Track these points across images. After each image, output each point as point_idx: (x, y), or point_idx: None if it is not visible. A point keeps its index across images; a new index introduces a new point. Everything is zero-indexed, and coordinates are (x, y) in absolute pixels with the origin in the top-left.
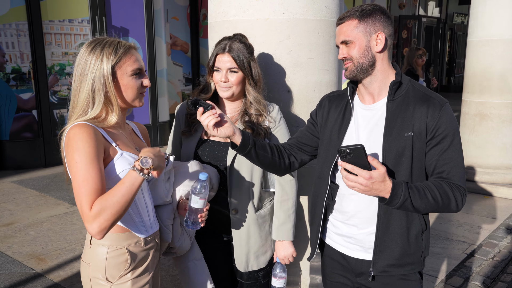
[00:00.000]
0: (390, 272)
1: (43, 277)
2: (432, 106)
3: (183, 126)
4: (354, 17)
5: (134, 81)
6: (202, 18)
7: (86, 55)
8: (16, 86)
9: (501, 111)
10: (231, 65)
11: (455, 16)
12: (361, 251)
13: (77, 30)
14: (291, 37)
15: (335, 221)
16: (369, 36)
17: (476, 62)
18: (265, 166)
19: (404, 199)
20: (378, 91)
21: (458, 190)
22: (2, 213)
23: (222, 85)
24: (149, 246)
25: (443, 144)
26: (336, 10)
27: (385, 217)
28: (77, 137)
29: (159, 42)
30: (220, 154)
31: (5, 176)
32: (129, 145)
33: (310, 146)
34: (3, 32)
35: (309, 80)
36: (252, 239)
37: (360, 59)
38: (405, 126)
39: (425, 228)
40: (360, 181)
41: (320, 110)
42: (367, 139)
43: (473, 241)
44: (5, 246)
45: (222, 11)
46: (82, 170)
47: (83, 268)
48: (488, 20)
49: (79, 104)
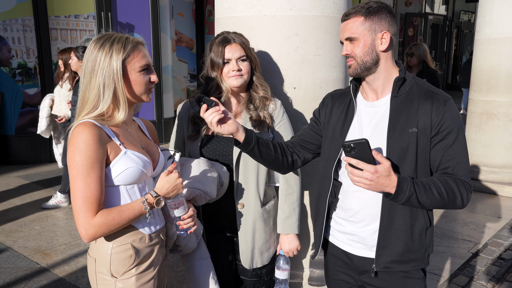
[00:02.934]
0: (393, 268)
1: (48, 272)
2: (437, 102)
3: (186, 128)
4: (360, 14)
5: (142, 77)
6: (208, 15)
7: (95, 52)
8: (22, 81)
9: (508, 110)
10: (240, 54)
11: (462, 14)
12: (364, 249)
13: (83, 25)
14: (298, 34)
15: (338, 218)
16: (374, 34)
17: (483, 61)
18: (268, 163)
19: (409, 194)
20: (381, 88)
21: (463, 185)
22: (8, 207)
23: (235, 74)
24: (153, 242)
25: (447, 140)
26: (344, 6)
27: (389, 213)
28: (80, 137)
29: (164, 38)
30: (225, 149)
31: (10, 171)
32: (134, 143)
33: (313, 144)
34: (9, 27)
35: (316, 77)
36: (257, 234)
37: (364, 57)
38: (409, 122)
39: (429, 225)
40: (366, 176)
41: (323, 108)
42: (371, 135)
43: (479, 240)
44: (10, 241)
45: (229, 6)
46: (83, 174)
47: (89, 262)
48: (496, 18)
49: (90, 100)
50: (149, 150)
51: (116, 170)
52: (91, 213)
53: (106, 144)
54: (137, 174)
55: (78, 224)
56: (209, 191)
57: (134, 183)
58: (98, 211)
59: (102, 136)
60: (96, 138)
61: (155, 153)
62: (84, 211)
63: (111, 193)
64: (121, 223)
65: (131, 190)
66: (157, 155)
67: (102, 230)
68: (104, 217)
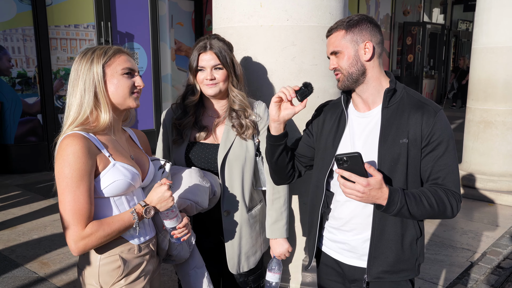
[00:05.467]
0: (384, 278)
1: (46, 281)
2: (427, 112)
3: (171, 135)
4: (341, 28)
5: (125, 80)
6: (207, 24)
7: (78, 61)
8: (22, 91)
9: (506, 118)
10: (215, 63)
11: (460, 23)
12: (355, 258)
13: (83, 35)
14: (295, 44)
15: (330, 228)
16: (356, 45)
17: (481, 69)
18: (278, 167)
19: (401, 205)
20: (372, 99)
21: (453, 196)
22: (6, 216)
23: (208, 83)
24: (143, 253)
25: (438, 151)
26: (340, 17)
27: (380, 224)
28: (69, 150)
29: (163, 47)
30: (210, 156)
31: (9, 180)
32: (123, 154)
33: (306, 157)
34: (9, 37)
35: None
36: (244, 239)
37: (349, 69)
38: (400, 133)
39: (419, 235)
40: (358, 188)
41: (316, 120)
42: (363, 146)
43: (477, 249)
44: (8, 250)
45: (227, 17)
46: (72, 187)
47: (78, 274)
48: (493, 28)
49: (73, 109)
50: (138, 160)
51: (104, 182)
52: (80, 226)
53: (95, 156)
54: (125, 186)
55: (68, 237)
56: (200, 201)
57: (121, 195)
58: (88, 224)
59: (91, 148)
60: (85, 150)
61: (145, 163)
62: (74, 224)
63: (100, 205)
64: (111, 235)
65: (118, 201)
66: (147, 165)
67: (92, 242)
68: (94, 229)
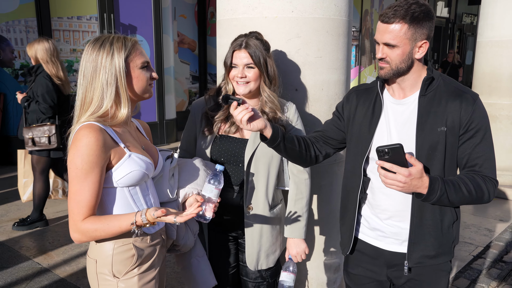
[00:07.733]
0: (424, 263)
1: (49, 272)
2: (465, 100)
3: (199, 124)
4: (404, 21)
5: (144, 73)
6: (210, 16)
7: (96, 52)
8: (25, 82)
9: (510, 112)
10: (247, 61)
11: (464, 17)
12: (396, 243)
13: (85, 27)
14: (300, 36)
15: (368, 214)
16: (413, 43)
17: (485, 63)
18: (292, 158)
19: (441, 194)
20: (410, 87)
21: (491, 182)
22: (10, 208)
23: (239, 81)
24: (155, 242)
25: (476, 138)
26: (345, 8)
27: (419, 211)
28: (84, 141)
29: (166, 39)
30: (237, 150)
31: (13, 172)
32: (135, 145)
33: (336, 140)
34: (12, 29)
35: (317, 79)
36: (264, 237)
37: (399, 64)
38: (438, 120)
39: (456, 219)
40: (399, 179)
41: (348, 104)
42: (399, 134)
43: (480, 243)
44: (12, 241)
45: (231, 8)
46: (80, 178)
47: (89, 264)
48: (499, 21)
49: (94, 100)
50: (149, 150)
51: (120, 173)
52: (80, 217)
53: (110, 149)
54: (140, 176)
55: (69, 224)
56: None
57: (136, 185)
58: (89, 216)
59: (106, 141)
60: (100, 143)
61: (154, 153)
62: (75, 213)
63: (112, 195)
64: (105, 236)
65: (133, 191)
66: (156, 155)
67: (89, 235)
68: (89, 225)
